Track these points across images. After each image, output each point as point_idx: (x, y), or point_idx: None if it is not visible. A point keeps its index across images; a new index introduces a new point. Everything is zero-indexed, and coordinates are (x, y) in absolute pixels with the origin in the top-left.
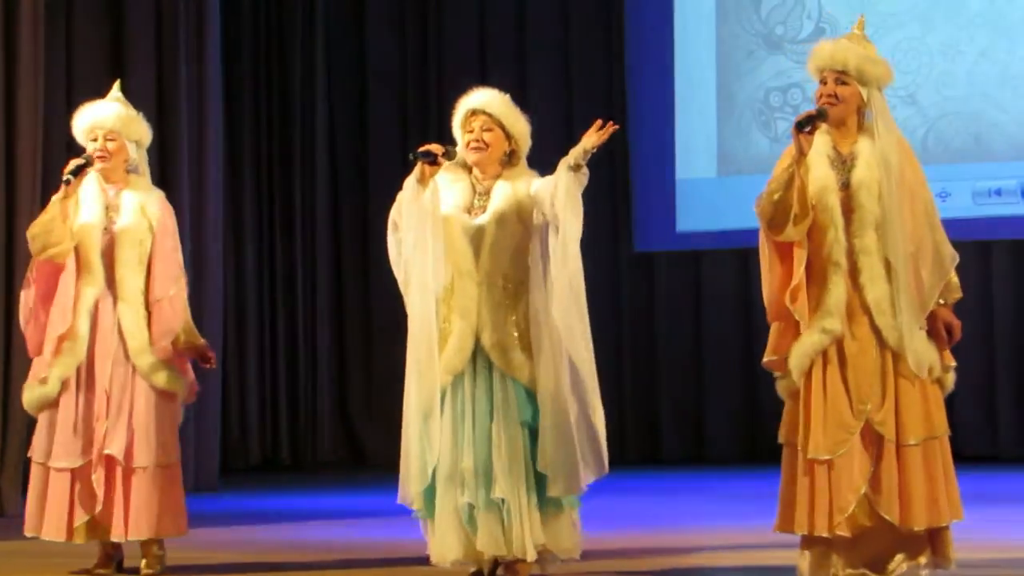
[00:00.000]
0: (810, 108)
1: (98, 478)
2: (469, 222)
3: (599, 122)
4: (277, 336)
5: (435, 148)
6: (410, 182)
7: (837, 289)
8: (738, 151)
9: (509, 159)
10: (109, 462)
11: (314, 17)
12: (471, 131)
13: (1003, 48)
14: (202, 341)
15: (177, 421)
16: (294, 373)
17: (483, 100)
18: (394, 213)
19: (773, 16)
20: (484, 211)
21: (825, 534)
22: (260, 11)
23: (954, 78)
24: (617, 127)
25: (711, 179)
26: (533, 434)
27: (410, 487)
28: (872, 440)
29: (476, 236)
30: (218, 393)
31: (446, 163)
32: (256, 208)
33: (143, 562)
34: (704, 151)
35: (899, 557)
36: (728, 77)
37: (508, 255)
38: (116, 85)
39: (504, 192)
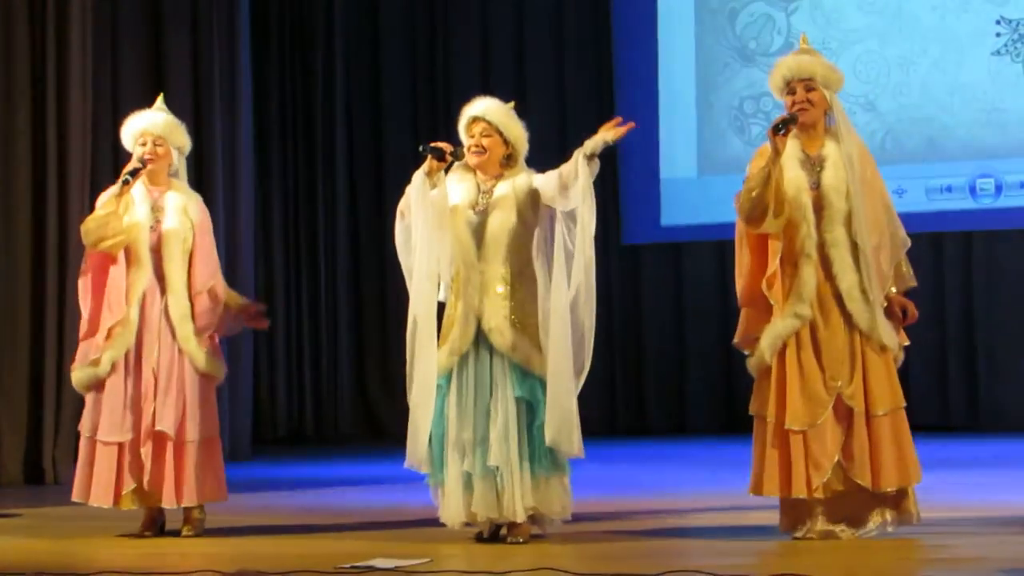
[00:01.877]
0: (781, 114)
1: (147, 451)
2: (472, 215)
3: (618, 119)
4: (302, 323)
5: (444, 146)
6: (418, 174)
7: (809, 279)
8: (715, 153)
9: (508, 161)
10: (160, 437)
11: (334, 33)
12: (472, 136)
13: (952, 60)
14: (244, 300)
15: (215, 399)
16: (317, 356)
17: (482, 108)
18: (402, 204)
19: (747, 32)
20: (486, 206)
21: (803, 496)
22: (286, 29)
23: (909, 87)
24: (633, 125)
25: (692, 178)
26: (528, 407)
27: (417, 454)
28: (843, 413)
29: (479, 228)
30: (250, 374)
31: (456, 164)
32: (283, 208)
33: (185, 526)
34: (685, 153)
35: (875, 514)
36: (706, 87)
37: (507, 246)
38: (160, 98)
39: (504, 189)
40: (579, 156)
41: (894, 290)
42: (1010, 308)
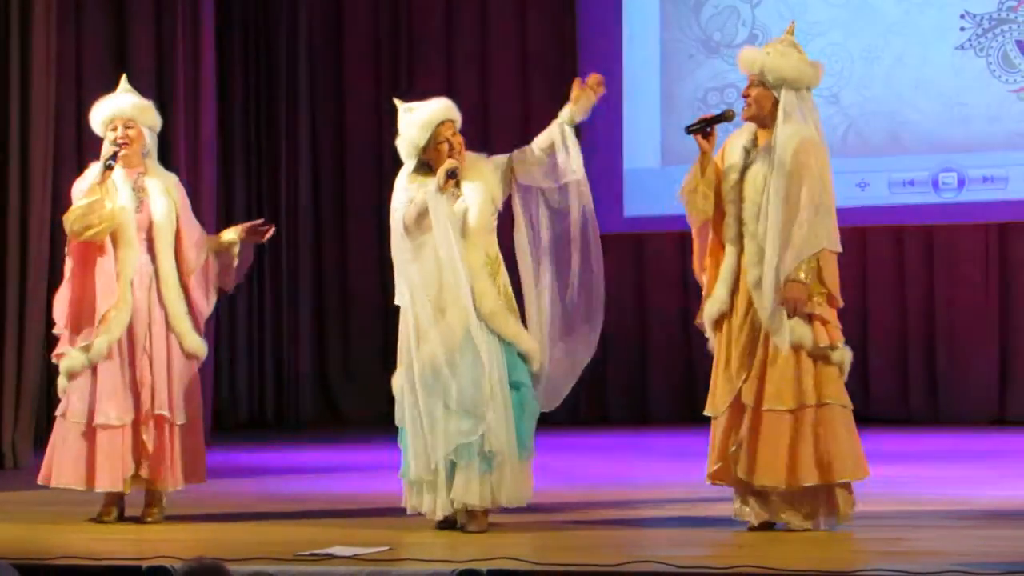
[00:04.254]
0: (704, 112)
1: (148, 434)
2: (450, 209)
3: (578, 80)
4: (264, 308)
5: (458, 165)
6: (435, 195)
7: (728, 265)
8: (679, 144)
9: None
10: (159, 420)
11: (297, 20)
12: (443, 140)
13: (916, 54)
14: (235, 231)
15: (199, 379)
16: (278, 341)
17: (449, 111)
18: (408, 220)
19: (711, 23)
20: (458, 198)
21: (707, 482)
22: (250, 14)
23: (872, 80)
24: (600, 78)
25: (655, 169)
26: (519, 393)
27: (417, 468)
28: (739, 405)
29: (460, 220)
30: (211, 359)
31: (409, 164)
32: (246, 195)
33: (146, 511)
34: (649, 144)
35: (787, 510)
36: (670, 78)
37: (485, 234)
38: (124, 79)
39: (473, 177)
40: (564, 127)
41: (803, 276)
42: (971, 303)
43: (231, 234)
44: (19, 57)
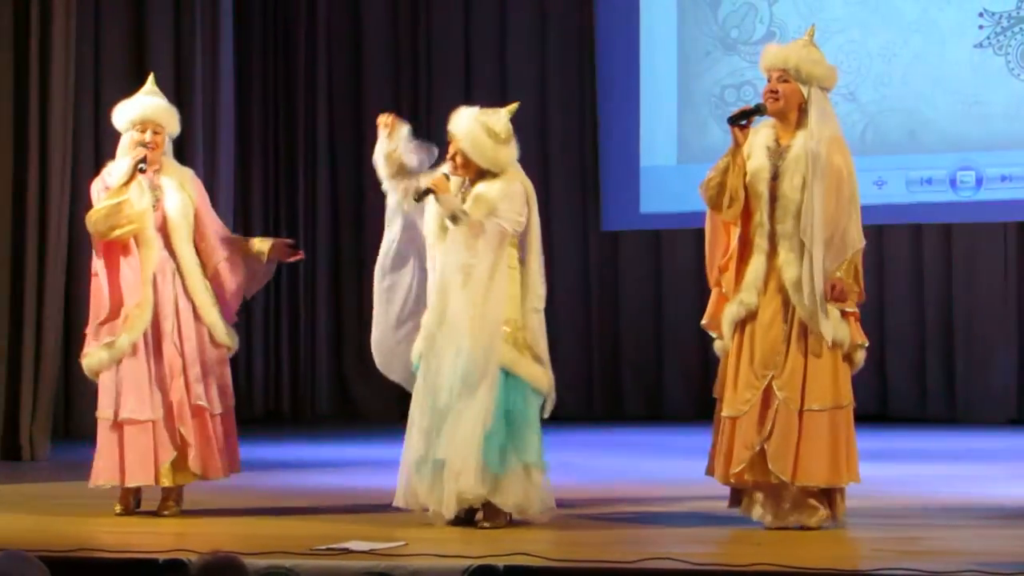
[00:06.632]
0: (743, 104)
1: (187, 427)
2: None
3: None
4: (280, 303)
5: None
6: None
7: (756, 267)
8: (695, 141)
9: (484, 174)
10: (198, 411)
11: (316, 15)
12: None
13: (934, 52)
14: (270, 241)
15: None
16: (295, 335)
17: (452, 124)
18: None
19: (729, 20)
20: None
21: (721, 482)
22: (268, 8)
23: (891, 78)
24: None
25: (671, 166)
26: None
27: None
28: (772, 404)
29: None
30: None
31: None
32: (263, 188)
33: (163, 505)
34: (665, 141)
35: (805, 509)
36: (687, 75)
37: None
38: (151, 79)
39: (477, 191)
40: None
41: (839, 274)
42: (988, 302)
43: (262, 244)
44: (38, 52)
